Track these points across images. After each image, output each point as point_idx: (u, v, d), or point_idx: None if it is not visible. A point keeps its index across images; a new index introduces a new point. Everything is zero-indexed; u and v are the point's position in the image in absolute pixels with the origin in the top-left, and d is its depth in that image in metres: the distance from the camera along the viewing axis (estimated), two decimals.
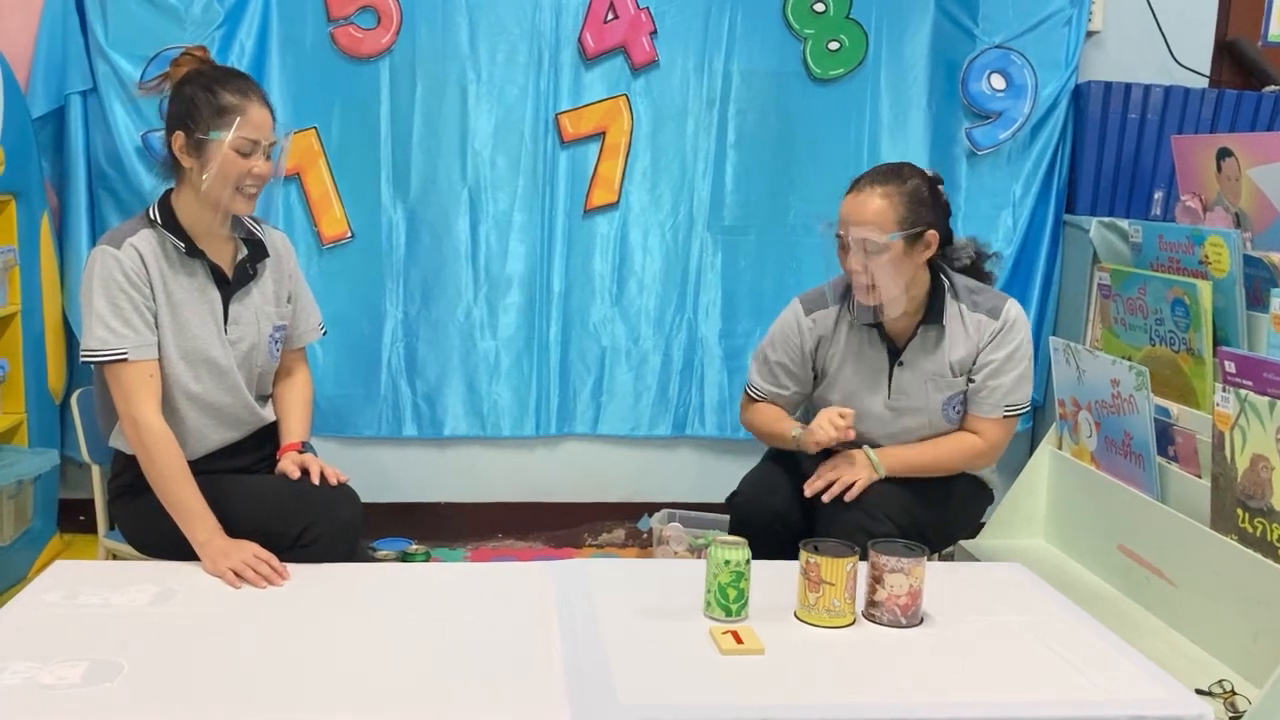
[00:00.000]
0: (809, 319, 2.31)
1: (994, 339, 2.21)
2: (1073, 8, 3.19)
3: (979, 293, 2.25)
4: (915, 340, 2.23)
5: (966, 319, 2.22)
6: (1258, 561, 2.01)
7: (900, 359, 2.24)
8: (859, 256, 2.10)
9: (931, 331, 2.22)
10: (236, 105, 1.95)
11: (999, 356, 2.21)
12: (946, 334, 2.21)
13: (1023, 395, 2.25)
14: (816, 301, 2.32)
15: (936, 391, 2.24)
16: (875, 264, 2.10)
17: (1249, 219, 2.55)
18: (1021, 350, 2.22)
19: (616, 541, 3.40)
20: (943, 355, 2.22)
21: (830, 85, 3.23)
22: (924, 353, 2.23)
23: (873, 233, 2.08)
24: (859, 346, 2.29)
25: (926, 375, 2.23)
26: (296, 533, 1.94)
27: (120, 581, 1.79)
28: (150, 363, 1.97)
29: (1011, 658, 1.64)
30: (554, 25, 3.13)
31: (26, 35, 2.89)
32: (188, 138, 1.97)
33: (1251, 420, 2.03)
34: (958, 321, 2.22)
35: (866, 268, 2.10)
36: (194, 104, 1.96)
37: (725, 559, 1.70)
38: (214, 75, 2.00)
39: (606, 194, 3.22)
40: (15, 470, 2.60)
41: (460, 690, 1.48)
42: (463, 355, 3.24)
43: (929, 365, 2.23)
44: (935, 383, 2.23)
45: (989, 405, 2.23)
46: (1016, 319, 2.22)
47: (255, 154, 1.98)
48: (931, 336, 2.22)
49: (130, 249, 1.96)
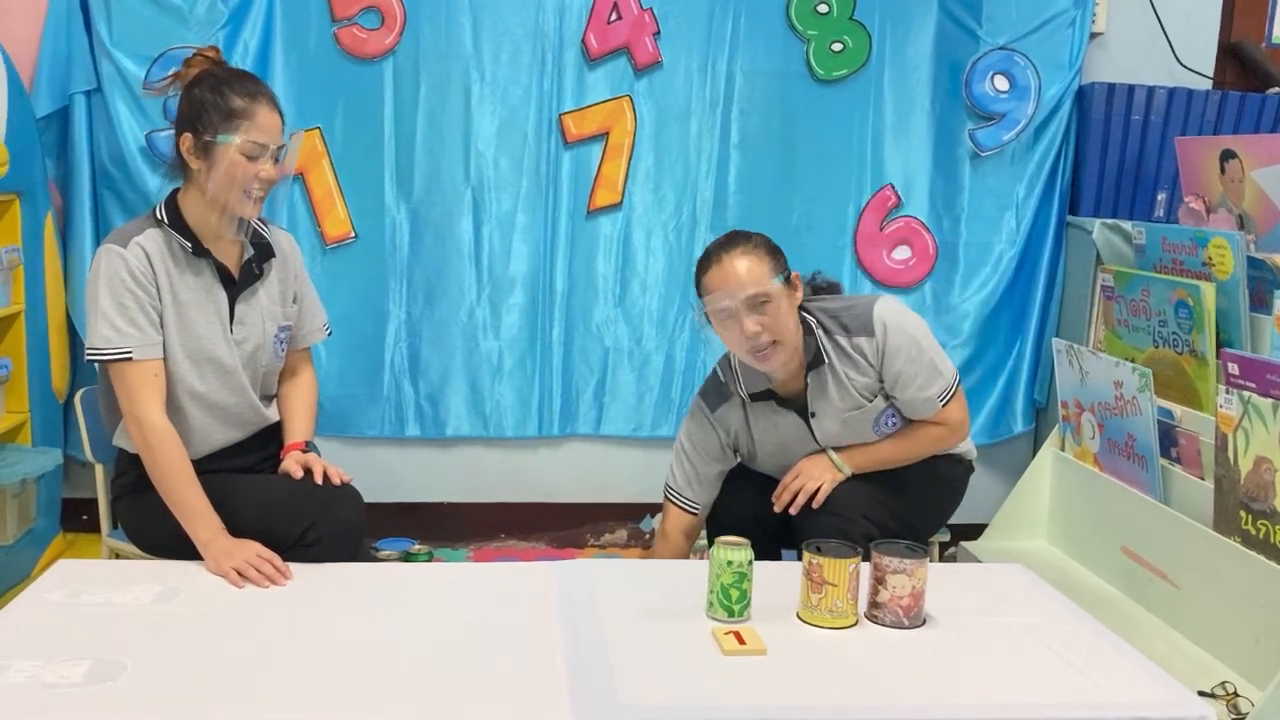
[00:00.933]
0: (715, 416, 2.28)
1: (883, 355, 2.14)
2: (1076, 9, 3.19)
3: (841, 314, 2.18)
4: (812, 390, 2.18)
5: (848, 351, 2.16)
6: (1260, 563, 2.01)
7: (810, 411, 2.20)
8: (753, 317, 2.03)
9: (822, 375, 2.17)
10: (245, 109, 1.95)
11: (897, 368, 2.14)
12: (836, 368, 2.16)
13: (941, 381, 2.16)
14: (714, 397, 2.29)
15: (859, 423, 2.20)
16: (770, 317, 2.05)
17: (1252, 221, 2.55)
18: (908, 349, 2.13)
19: (619, 542, 3.40)
20: (845, 389, 2.17)
21: (833, 86, 3.23)
22: (826, 396, 2.18)
23: (760, 285, 2.04)
24: (767, 421, 2.25)
25: (842, 414, 2.19)
26: (299, 532, 1.94)
27: (123, 580, 1.79)
28: (155, 362, 1.97)
29: (1014, 659, 1.64)
30: (557, 26, 3.13)
31: (31, 35, 2.89)
32: (196, 140, 1.96)
33: (1255, 422, 2.03)
34: (840, 355, 2.17)
35: (764, 325, 2.04)
36: (203, 106, 1.96)
37: (728, 559, 1.70)
38: (224, 78, 1.99)
39: (610, 194, 3.22)
40: (19, 469, 2.61)
41: (462, 690, 1.48)
42: (465, 355, 3.25)
43: (838, 404, 2.18)
44: (855, 415, 2.19)
45: (925, 407, 2.18)
46: (887, 321, 2.14)
47: (263, 158, 1.97)
48: (825, 379, 2.17)
49: (136, 248, 1.97)
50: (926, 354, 2.15)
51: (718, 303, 2.06)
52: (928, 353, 2.16)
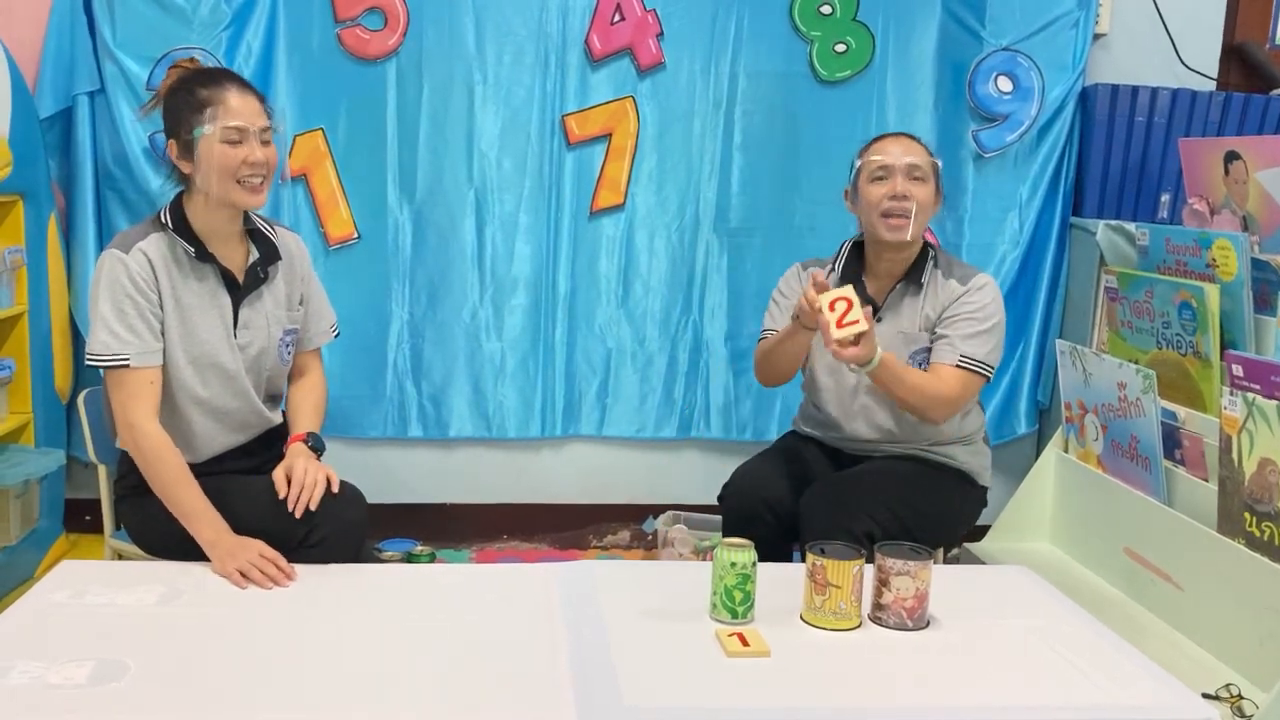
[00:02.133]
0: (806, 272, 2.43)
1: (955, 299, 2.29)
2: (1080, 10, 3.19)
3: (959, 265, 2.35)
4: (893, 296, 2.32)
5: (940, 284, 2.31)
6: (1265, 565, 2.00)
7: (878, 315, 2.32)
8: (904, 184, 2.22)
9: (909, 289, 2.32)
10: (211, 97, 1.94)
11: (959, 310, 2.27)
12: (923, 291, 2.30)
13: (980, 350, 2.24)
14: (813, 262, 2.48)
15: (904, 345, 2.30)
16: (920, 190, 2.23)
17: (1256, 222, 2.54)
18: (983, 309, 2.26)
19: (622, 543, 3.40)
20: (916, 312, 2.31)
21: (837, 87, 3.23)
22: (899, 309, 2.32)
23: (923, 161, 2.25)
24: None
25: (898, 329, 2.31)
26: (302, 534, 1.94)
27: (126, 581, 1.79)
28: (152, 370, 1.97)
29: (1017, 661, 1.64)
30: (561, 27, 3.13)
31: (34, 36, 2.90)
32: (178, 143, 1.97)
33: (1259, 424, 2.03)
34: (933, 283, 2.31)
35: (911, 193, 2.22)
36: (177, 109, 1.96)
37: (731, 561, 1.69)
38: (192, 78, 1.99)
39: (612, 195, 3.22)
40: (22, 470, 2.61)
41: (465, 691, 1.48)
42: (468, 356, 3.25)
43: (902, 322, 2.31)
44: (904, 337, 2.31)
45: (946, 351, 2.26)
46: (984, 285, 2.30)
47: (246, 141, 1.95)
48: (908, 293, 2.32)
49: (139, 254, 1.96)
50: (987, 323, 2.26)
51: (885, 153, 2.26)
52: (990, 325, 2.26)
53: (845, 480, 2.28)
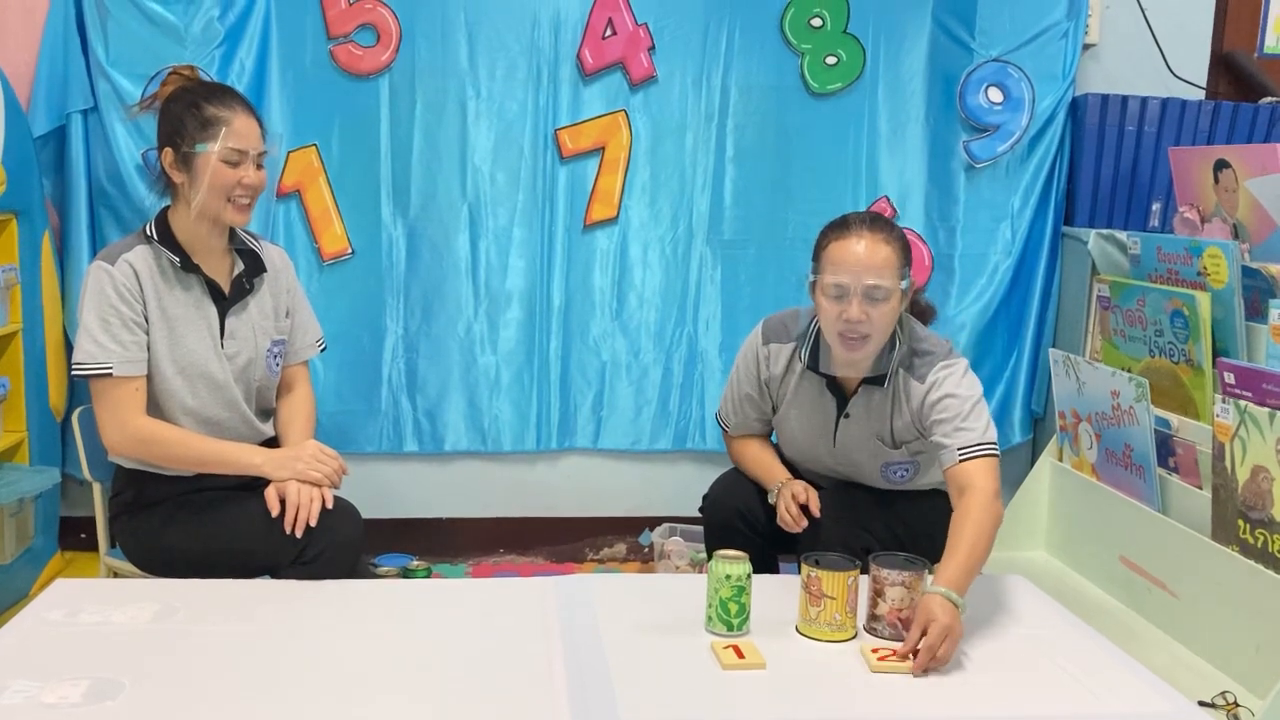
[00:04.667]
0: (765, 349, 2.27)
1: (920, 406, 2.10)
2: (1069, 21, 3.20)
3: (919, 356, 2.12)
4: (859, 397, 2.17)
5: (908, 391, 2.12)
6: (1259, 572, 2.01)
7: (846, 411, 2.19)
8: (862, 305, 1.99)
9: (875, 392, 2.15)
10: (221, 117, 1.99)
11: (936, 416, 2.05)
12: (889, 396, 2.15)
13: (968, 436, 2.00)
14: (776, 331, 2.28)
15: (878, 452, 2.19)
16: (878, 313, 2.00)
17: (1247, 230, 2.56)
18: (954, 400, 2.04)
19: (618, 556, 3.40)
20: (884, 418, 2.16)
21: (828, 99, 3.24)
22: (867, 410, 2.18)
23: (885, 278, 1.99)
24: (808, 390, 2.24)
25: (869, 433, 2.19)
26: (297, 550, 1.94)
27: (121, 599, 1.79)
28: (137, 379, 1.99)
29: (1014, 670, 1.64)
30: (553, 41, 3.14)
31: (28, 54, 2.90)
32: (176, 153, 2.00)
33: (1251, 431, 2.04)
34: (900, 390, 2.14)
35: (870, 317, 1.99)
36: (180, 120, 1.99)
37: (726, 573, 1.70)
38: (199, 91, 2.03)
39: (606, 209, 3.23)
40: (16, 488, 2.60)
41: (462, 706, 1.48)
42: (463, 370, 3.25)
43: (871, 424, 2.18)
44: (877, 443, 2.19)
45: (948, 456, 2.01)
46: (941, 379, 2.07)
47: (244, 164, 2.00)
48: (875, 396, 2.16)
49: (124, 264, 1.98)
50: (968, 408, 2.03)
51: (837, 277, 2.00)
52: (969, 407, 2.03)
53: (844, 496, 2.24)
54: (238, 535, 1.96)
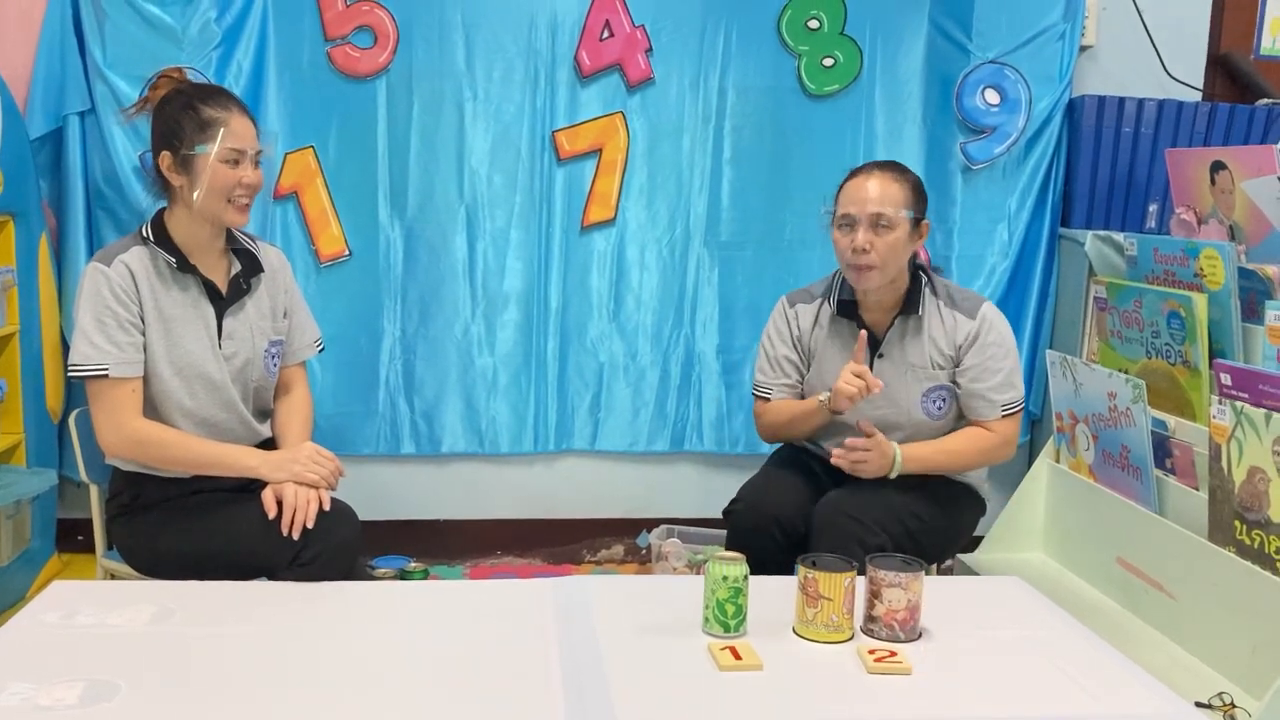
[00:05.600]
0: (792, 309, 2.41)
1: (971, 341, 2.26)
2: (1066, 22, 3.21)
3: (956, 292, 2.33)
4: (893, 330, 2.29)
5: (943, 313, 2.29)
6: (1256, 574, 2.01)
7: (880, 350, 2.30)
8: (868, 234, 2.17)
9: (909, 322, 2.28)
10: (218, 118, 1.99)
11: (980, 360, 2.26)
12: (924, 324, 2.27)
13: (1013, 394, 2.30)
14: (799, 296, 2.44)
15: (915, 383, 2.28)
16: (883, 241, 2.18)
17: (1243, 232, 2.56)
18: (1001, 349, 2.27)
19: (615, 558, 3.40)
20: (921, 346, 2.28)
21: (825, 101, 3.24)
22: (902, 344, 2.29)
23: (888, 208, 2.18)
24: (840, 337, 2.34)
25: (906, 366, 2.29)
26: (294, 552, 1.94)
27: (118, 601, 1.78)
28: (133, 380, 1.99)
29: (1010, 672, 1.64)
30: (550, 43, 3.14)
31: (25, 57, 2.90)
32: (174, 156, 1.99)
33: (1248, 432, 2.04)
34: (934, 315, 2.29)
35: (874, 245, 2.17)
36: (177, 123, 1.99)
37: (723, 574, 1.70)
38: (193, 93, 2.04)
39: (603, 210, 3.23)
40: (13, 490, 2.60)
41: (459, 708, 1.48)
42: (460, 372, 3.25)
43: (908, 356, 2.29)
44: (914, 373, 2.28)
45: (985, 408, 2.28)
46: (993, 319, 2.28)
47: (242, 164, 2.01)
48: (909, 327, 2.29)
49: (120, 265, 1.99)
50: (1008, 363, 2.27)
51: (843, 208, 2.22)
52: (1010, 364, 2.28)
53: (858, 493, 2.24)
54: (235, 537, 1.96)
